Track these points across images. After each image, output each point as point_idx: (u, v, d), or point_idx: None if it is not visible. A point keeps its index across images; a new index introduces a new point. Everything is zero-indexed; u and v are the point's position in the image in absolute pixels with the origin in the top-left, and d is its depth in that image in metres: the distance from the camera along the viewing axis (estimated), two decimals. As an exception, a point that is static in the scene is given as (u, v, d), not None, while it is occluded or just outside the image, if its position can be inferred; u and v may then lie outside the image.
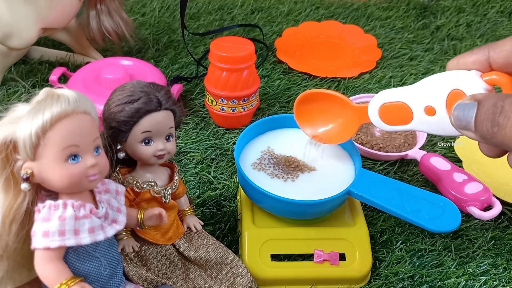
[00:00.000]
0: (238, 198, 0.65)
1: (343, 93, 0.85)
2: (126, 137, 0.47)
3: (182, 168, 0.70)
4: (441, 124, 0.42)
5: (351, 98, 0.78)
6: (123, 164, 0.50)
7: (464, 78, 0.39)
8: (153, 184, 0.49)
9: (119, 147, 0.48)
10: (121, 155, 0.48)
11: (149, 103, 0.45)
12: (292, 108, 0.82)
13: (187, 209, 0.55)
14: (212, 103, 0.76)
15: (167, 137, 0.48)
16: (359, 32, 1.02)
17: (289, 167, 0.58)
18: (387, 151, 0.71)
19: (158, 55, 0.95)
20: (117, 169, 0.50)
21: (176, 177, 0.51)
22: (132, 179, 0.49)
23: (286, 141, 0.62)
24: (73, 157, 0.38)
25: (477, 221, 0.63)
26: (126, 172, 0.50)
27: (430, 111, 0.42)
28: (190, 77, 0.88)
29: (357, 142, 0.72)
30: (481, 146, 0.39)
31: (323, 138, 0.57)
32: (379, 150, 0.71)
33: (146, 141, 0.47)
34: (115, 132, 0.46)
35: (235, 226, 0.61)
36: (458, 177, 0.63)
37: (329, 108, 0.55)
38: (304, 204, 0.53)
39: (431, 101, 0.42)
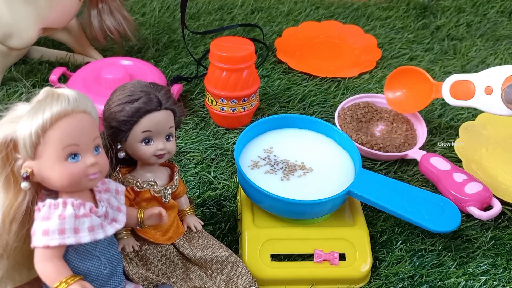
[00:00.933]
0: (238, 198, 0.65)
1: (343, 93, 0.85)
2: (126, 137, 0.47)
3: (182, 168, 0.70)
4: (494, 103, 0.56)
5: (350, 98, 0.79)
6: (123, 163, 0.50)
7: None
8: (153, 183, 0.49)
9: (119, 146, 0.48)
10: (121, 154, 0.48)
11: (149, 102, 0.46)
12: (292, 108, 0.82)
13: (187, 209, 0.55)
14: (212, 103, 0.76)
15: (167, 137, 0.48)
16: (359, 32, 1.02)
17: (289, 167, 0.58)
18: (387, 151, 0.71)
19: (158, 55, 0.95)
20: (117, 169, 0.50)
21: (176, 177, 0.51)
22: (132, 178, 0.49)
23: (286, 141, 0.62)
24: (73, 156, 0.39)
25: (477, 221, 0.63)
26: (126, 172, 0.50)
27: (488, 90, 0.55)
28: (190, 77, 0.88)
29: (357, 142, 0.72)
30: None
31: (398, 105, 0.75)
32: (379, 150, 0.71)
33: (146, 140, 0.47)
34: (115, 131, 0.46)
35: (235, 226, 0.61)
36: (458, 177, 0.63)
37: (410, 80, 0.73)
38: (304, 204, 0.53)
39: (491, 82, 0.56)
